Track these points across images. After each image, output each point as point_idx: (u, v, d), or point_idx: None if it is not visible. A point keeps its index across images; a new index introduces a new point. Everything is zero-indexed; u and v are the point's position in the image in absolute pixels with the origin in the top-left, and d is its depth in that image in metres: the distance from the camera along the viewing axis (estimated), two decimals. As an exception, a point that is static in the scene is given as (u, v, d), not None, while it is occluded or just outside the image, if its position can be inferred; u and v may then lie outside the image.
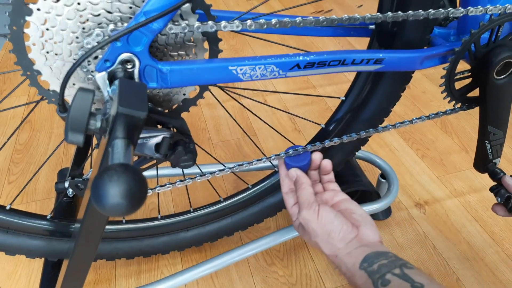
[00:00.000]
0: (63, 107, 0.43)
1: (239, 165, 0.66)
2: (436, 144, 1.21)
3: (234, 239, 0.93)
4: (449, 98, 0.65)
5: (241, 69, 0.49)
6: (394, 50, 0.59)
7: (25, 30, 0.44)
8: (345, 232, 0.51)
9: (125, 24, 0.44)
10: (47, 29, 0.44)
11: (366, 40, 0.68)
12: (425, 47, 0.62)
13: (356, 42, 1.71)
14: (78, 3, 0.43)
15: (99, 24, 0.45)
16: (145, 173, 0.85)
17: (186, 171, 0.92)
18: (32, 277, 0.86)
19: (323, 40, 1.75)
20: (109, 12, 0.45)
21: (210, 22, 0.46)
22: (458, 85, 0.63)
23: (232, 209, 0.82)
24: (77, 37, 0.45)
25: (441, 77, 0.61)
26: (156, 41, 0.48)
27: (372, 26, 0.66)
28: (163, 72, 0.47)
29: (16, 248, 0.68)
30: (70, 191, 0.68)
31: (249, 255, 0.81)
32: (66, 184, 0.66)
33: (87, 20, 0.45)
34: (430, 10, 0.53)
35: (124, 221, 0.78)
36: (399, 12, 0.53)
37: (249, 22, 0.47)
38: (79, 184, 0.64)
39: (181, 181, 0.65)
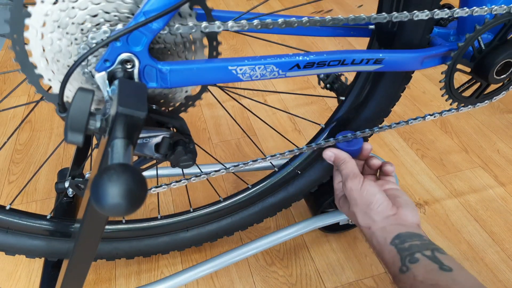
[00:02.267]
0: (62, 107, 0.43)
1: (244, 164, 0.65)
2: (436, 144, 1.21)
3: (234, 239, 0.93)
4: (450, 100, 0.65)
5: (240, 69, 0.49)
6: (394, 50, 0.59)
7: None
8: (385, 207, 0.52)
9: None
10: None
11: (366, 40, 0.68)
12: (425, 47, 0.62)
13: (356, 42, 1.71)
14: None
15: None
16: (145, 173, 0.85)
17: (186, 171, 0.92)
18: (32, 277, 0.86)
19: (323, 40, 1.75)
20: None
21: (207, 22, 0.46)
22: (457, 84, 0.64)
23: (232, 209, 0.82)
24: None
25: (440, 81, 0.61)
26: (155, 41, 0.48)
27: (372, 26, 0.66)
28: (163, 72, 0.47)
29: (16, 248, 0.68)
30: (70, 191, 0.68)
31: (249, 255, 0.81)
32: (66, 184, 0.66)
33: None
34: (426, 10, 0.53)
35: (124, 221, 0.78)
36: (394, 12, 0.53)
37: (249, 22, 0.47)
38: (79, 184, 0.64)
39: (176, 181, 0.65)
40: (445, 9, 0.54)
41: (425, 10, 0.53)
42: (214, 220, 0.82)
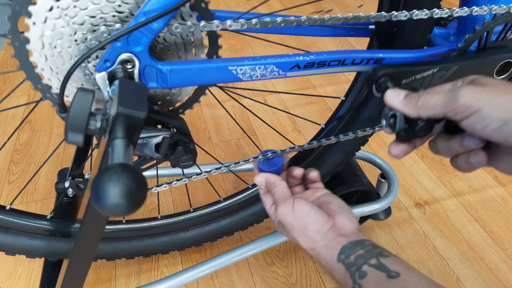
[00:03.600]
0: (63, 107, 0.43)
1: (235, 163, 0.65)
2: (436, 144, 1.21)
3: (234, 239, 0.93)
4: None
5: (241, 69, 0.49)
6: (394, 50, 0.59)
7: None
8: (320, 223, 0.50)
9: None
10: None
11: (366, 40, 0.68)
12: (425, 47, 0.62)
13: (356, 42, 1.71)
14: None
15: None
16: (145, 173, 0.85)
17: (186, 171, 0.92)
18: (32, 277, 0.86)
19: (323, 40, 1.75)
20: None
21: (210, 22, 0.46)
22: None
23: (232, 209, 0.82)
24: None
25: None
26: (156, 41, 0.48)
27: (372, 26, 0.66)
28: (163, 72, 0.47)
29: (16, 248, 0.68)
30: (70, 191, 0.67)
31: (249, 255, 0.81)
32: (66, 184, 0.66)
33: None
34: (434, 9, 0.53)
35: (124, 221, 0.78)
36: (393, 12, 0.52)
37: (249, 22, 0.47)
38: (79, 184, 0.64)
39: (177, 180, 0.64)
40: (444, 8, 0.54)
41: (425, 10, 0.53)
42: (214, 220, 0.82)
